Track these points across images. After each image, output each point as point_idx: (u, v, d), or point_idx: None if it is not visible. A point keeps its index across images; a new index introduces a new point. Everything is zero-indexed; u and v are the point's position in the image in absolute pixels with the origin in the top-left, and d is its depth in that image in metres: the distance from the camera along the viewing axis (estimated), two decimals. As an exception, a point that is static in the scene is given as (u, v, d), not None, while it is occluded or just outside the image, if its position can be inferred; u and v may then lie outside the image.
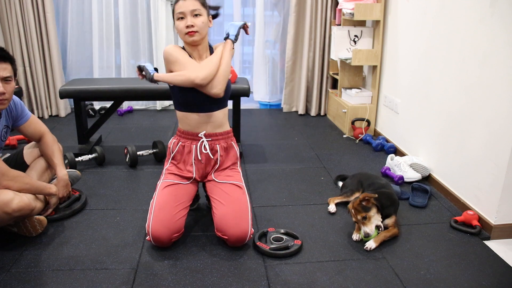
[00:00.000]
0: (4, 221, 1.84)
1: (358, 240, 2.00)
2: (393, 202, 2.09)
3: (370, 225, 1.94)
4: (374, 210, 1.96)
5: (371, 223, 1.94)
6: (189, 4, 1.88)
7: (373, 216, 1.95)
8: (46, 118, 3.92)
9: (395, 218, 2.06)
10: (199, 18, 1.90)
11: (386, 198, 2.06)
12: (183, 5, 1.89)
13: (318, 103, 4.13)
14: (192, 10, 1.88)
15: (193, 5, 1.89)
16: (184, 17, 1.89)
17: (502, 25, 1.99)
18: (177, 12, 1.90)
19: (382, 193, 2.07)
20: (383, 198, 2.04)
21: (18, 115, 2.07)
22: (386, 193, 2.10)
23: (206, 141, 2.00)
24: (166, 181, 1.99)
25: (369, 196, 1.96)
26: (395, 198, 2.13)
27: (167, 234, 1.84)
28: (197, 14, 1.89)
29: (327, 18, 3.90)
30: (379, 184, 2.23)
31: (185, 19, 1.89)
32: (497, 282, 1.73)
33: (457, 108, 2.34)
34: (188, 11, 1.88)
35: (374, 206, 1.96)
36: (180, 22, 1.90)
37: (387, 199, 2.06)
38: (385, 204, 2.02)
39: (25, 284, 1.67)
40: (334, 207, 2.28)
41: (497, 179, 2.03)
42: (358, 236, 2.00)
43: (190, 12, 1.88)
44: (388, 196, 2.09)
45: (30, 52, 3.73)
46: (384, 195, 2.07)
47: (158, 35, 4.01)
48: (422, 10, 2.72)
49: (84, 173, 2.69)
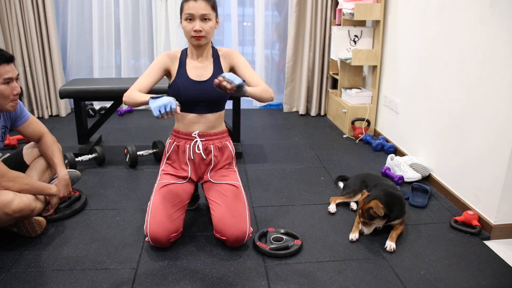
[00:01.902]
0: (4, 222, 1.84)
1: (354, 240, 2.00)
2: (402, 205, 2.07)
3: (369, 228, 2.00)
4: (379, 220, 1.98)
5: (371, 227, 2.01)
6: (200, 7, 1.85)
7: (375, 224, 1.99)
8: (46, 118, 3.92)
9: (402, 219, 2.07)
10: (208, 23, 1.88)
11: (396, 203, 2.03)
12: (194, 7, 1.85)
13: (318, 103, 4.13)
14: (202, 14, 1.85)
15: (204, 8, 1.85)
16: (192, 19, 1.86)
17: (502, 25, 1.98)
18: (186, 12, 1.86)
19: (392, 197, 2.04)
20: (392, 203, 2.00)
21: (17, 115, 2.07)
22: (396, 196, 2.06)
23: (200, 140, 2.00)
24: (162, 182, 1.99)
25: (377, 212, 1.92)
26: (403, 201, 2.10)
27: (165, 234, 1.84)
28: (207, 18, 1.87)
29: (327, 18, 3.90)
30: (386, 186, 2.17)
31: (194, 22, 1.86)
32: (497, 282, 1.73)
33: (457, 108, 2.34)
34: (198, 14, 1.85)
35: (380, 217, 1.96)
36: (188, 24, 1.87)
37: (397, 203, 2.03)
38: (395, 208, 2.01)
39: (25, 284, 1.67)
40: (334, 207, 2.28)
41: (497, 179, 2.03)
42: (355, 235, 2.01)
43: (199, 16, 1.85)
44: (398, 200, 2.05)
45: (30, 52, 3.73)
46: (394, 199, 2.04)
47: (159, 35, 4.01)
48: (422, 10, 2.72)
49: (84, 173, 2.69)
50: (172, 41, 4.03)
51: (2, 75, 1.81)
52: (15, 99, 1.90)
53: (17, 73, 1.90)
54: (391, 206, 1.99)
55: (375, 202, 1.95)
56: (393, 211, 2.00)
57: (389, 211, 1.97)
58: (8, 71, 1.83)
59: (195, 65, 1.99)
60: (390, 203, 1.99)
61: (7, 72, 1.82)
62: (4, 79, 1.82)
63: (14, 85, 1.87)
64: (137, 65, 4.18)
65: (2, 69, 1.81)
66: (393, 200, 2.03)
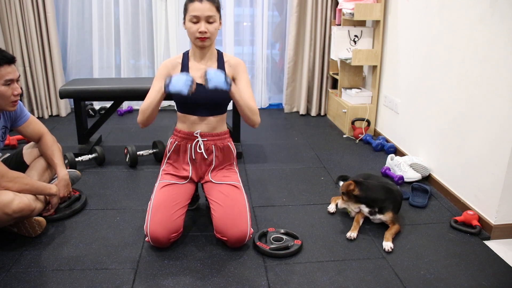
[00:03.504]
0: (4, 222, 1.84)
1: (352, 238, 2.01)
2: (388, 197, 2.09)
3: (344, 203, 2.14)
4: (347, 198, 2.11)
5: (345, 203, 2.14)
6: (205, 8, 1.83)
7: (348, 202, 2.12)
8: (46, 118, 3.91)
9: (391, 214, 2.06)
10: (212, 25, 1.87)
11: (378, 191, 2.08)
12: (199, 9, 1.83)
13: (318, 103, 4.13)
14: (208, 16, 1.84)
15: (209, 10, 1.84)
16: (197, 21, 1.85)
17: (502, 25, 1.98)
18: (190, 14, 1.85)
19: (377, 186, 2.11)
20: (373, 189, 2.08)
21: (17, 115, 2.07)
22: (383, 187, 2.11)
23: (202, 141, 2.00)
24: (162, 182, 1.99)
25: (348, 189, 2.07)
26: (393, 194, 2.12)
27: (165, 234, 1.84)
28: (211, 20, 1.86)
29: (327, 18, 3.90)
30: (383, 181, 2.23)
31: (199, 24, 1.85)
32: (497, 282, 1.73)
33: (457, 108, 2.34)
34: (203, 16, 1.84)
35: (352, 196, 2.08)
36: (192, 25, 1.86)
37: (381, 192, 2.08)
38: (377, 198, 2.06)
39: (25, 284, 1.67)
40: (334, 207, 2.28)
41: (497, 179, 2.03)
42: (353, 234, 2.02)
43: (205, 18, 1.84)
44: (384, 189, 2.10)
45: (30, 52, 3.73)
46: (378, 187, 2.10)
47: (159, 36, 4.01)
48: (422, 10, 2.72)
49: (84, 173, 2.69)
50: (172, 41, 4.02)
51: (3, 76, 1.81)
52: (16, 99, 1.90)
53: (18, 75, 1.90)
54: (369, 191, 2.07)
55: (350, 181, 2.08)
56: (376, 201, 2.06)
57: (365, 194, 2.06)
58: (9, 72, 1.83)
59: (198, 67, 1.98)
60: (369, 187, 2.08)
61: (8, 74, 1.82)
62: (6, 80, 1.82)
63: (15, 86, 1.87)
64: (137, 65, 4.18)
65: (3, 71, 1.80)
66: (375, 188, 2.09)
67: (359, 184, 2.07)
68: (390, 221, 2.06)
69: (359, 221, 2.11)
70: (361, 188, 2.06)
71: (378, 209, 2.07)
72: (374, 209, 2.07)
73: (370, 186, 2.09)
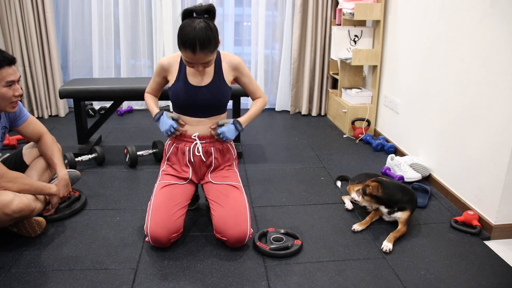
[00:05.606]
0: (4, 222, 1.83)
1: (356, 231, 2.06)
2: (409, 198, 2.09)
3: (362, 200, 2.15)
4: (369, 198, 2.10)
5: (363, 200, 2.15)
6: (200, 57, 1.75)
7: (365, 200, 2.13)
8: (46, 118, 3.91)
9: (408, 215, 2.07)
10: (209, 62, 1.83)
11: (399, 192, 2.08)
12: (194, 58, 1.76)
13: (318, 103, 4.13)
14: (204, 63, 1.80)
15: (204, 57, 1.76)
16: (194, 64, 1.80)
17: (502, 25, 1.98)
18: (185, 59, 1.79)
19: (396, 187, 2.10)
20: (395, 191, 2.08)
21: (16, 115, 2.07)
22: (400, 187, 2.12)
23: (200, 143, 2.00)
24: (162, 182, 1.99)
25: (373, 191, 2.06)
26: (412, 195, 2.12)
27: (166, 234, 1.83)
28: (209, 61, 1.81)
29: (327, 18, 3.90)
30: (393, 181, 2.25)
31: (195, 66, 1.80)
32: (497, 282, 1.73)
33: (457, 108, 2.34)
34: (199, 63, 1.79)
35: (374, 197, 2.07)
36: (188, 64, 1.82)
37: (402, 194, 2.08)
38: (399, 199, 2.06)
39: (25, 284, 1.67)
40: (350, 204, 2.32)
41: (497, 179, 2.03)
42: (359, 228, 2.07)
43: (201, 65, 1.81)
44: (403, 190, 2.10)
45: (30, 52, 3.72)
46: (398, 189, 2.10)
47: (158, 36, 4.01)
48: (422, 10, 2.72)
49: (84, 173, 2.69)
50: (172, 41, 4.02)
51: (5, 78, 1.80)
52: (17, 101, 1.90)
53: (19, 76, 1.89)
54: (391, 192, 2.07)
55: (376, 184, 2.06)
56: (395, 202, 2.06)
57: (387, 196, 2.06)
58: (10, 73, 1.82)
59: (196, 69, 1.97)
60: (390, 188, 2.07)
61: (9, 75, 1.82)
62: (7, 81, 1.81)
63: (16, 87, 1.86)
64: (137, 65, 4.18)
65: (4, 72, 1.80)
66: (396, 188, 2.09)
67: (382, 185, 2.07)
68: (404, 221, 2.06)
69: (373, 218, 2.14)
70: (384, 190, 2.06)
71: (397, 208, 2.08)
72: (393, 209, 2.08)
73: (391, 186, 2.09)
